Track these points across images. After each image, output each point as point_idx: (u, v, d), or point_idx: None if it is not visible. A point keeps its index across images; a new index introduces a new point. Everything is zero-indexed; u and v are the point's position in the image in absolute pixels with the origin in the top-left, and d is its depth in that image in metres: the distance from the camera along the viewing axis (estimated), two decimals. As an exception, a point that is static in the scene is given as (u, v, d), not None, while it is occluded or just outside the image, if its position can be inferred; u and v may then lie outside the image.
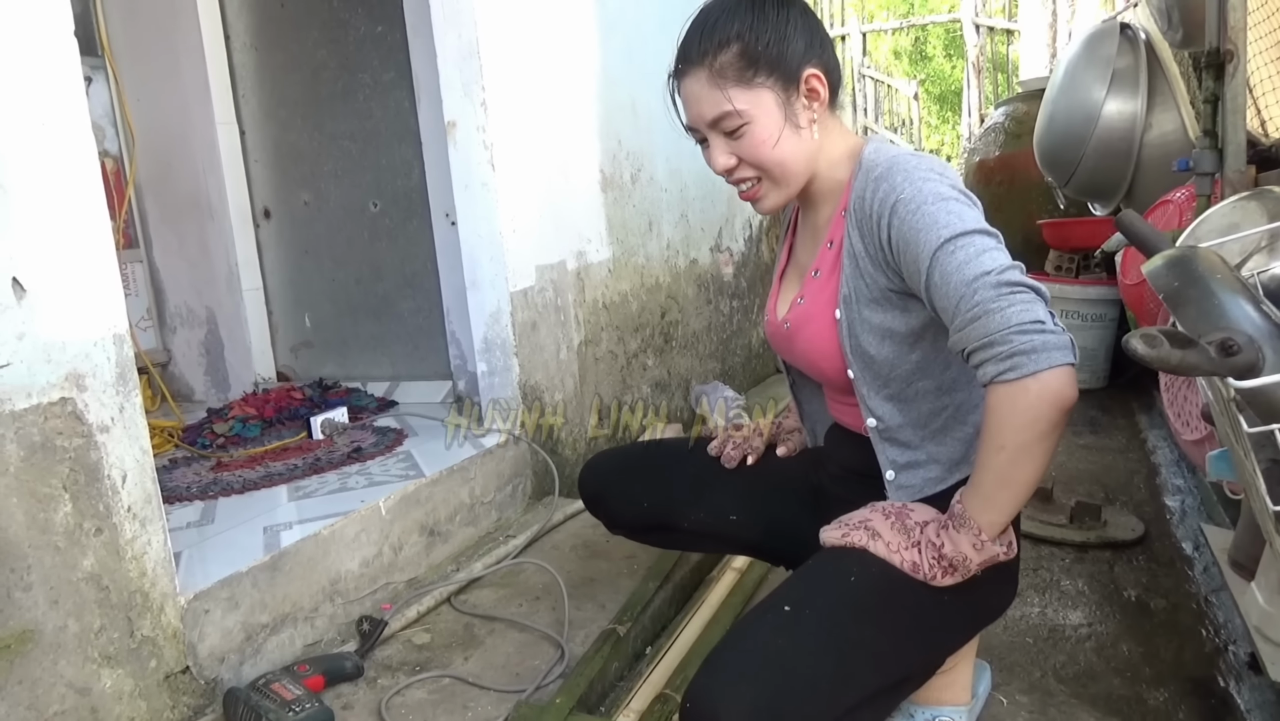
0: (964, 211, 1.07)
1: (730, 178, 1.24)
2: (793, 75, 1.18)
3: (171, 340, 3.20)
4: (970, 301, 1.02)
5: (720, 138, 1.20)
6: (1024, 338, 0.99)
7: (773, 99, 1.17)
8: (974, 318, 1.01)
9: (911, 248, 1.08)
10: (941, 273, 1.04)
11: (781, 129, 1.18)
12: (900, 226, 1.09)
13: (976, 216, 1.07)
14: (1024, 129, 3.80)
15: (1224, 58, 2.03)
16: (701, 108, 1.20)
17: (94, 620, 1.29)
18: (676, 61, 1.23)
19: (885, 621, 1.09)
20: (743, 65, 1.16)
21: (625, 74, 2.83)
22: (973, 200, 1.10)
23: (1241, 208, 1.53)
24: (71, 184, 1.26)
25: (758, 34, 1.16)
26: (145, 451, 1.36)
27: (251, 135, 3.03)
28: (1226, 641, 1.58)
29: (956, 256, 1.03)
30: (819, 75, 1.18)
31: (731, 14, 1.18)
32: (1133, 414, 3.09)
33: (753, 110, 1.17)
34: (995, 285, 1.01)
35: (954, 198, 1.08)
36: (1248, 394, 0.85)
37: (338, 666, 1.55)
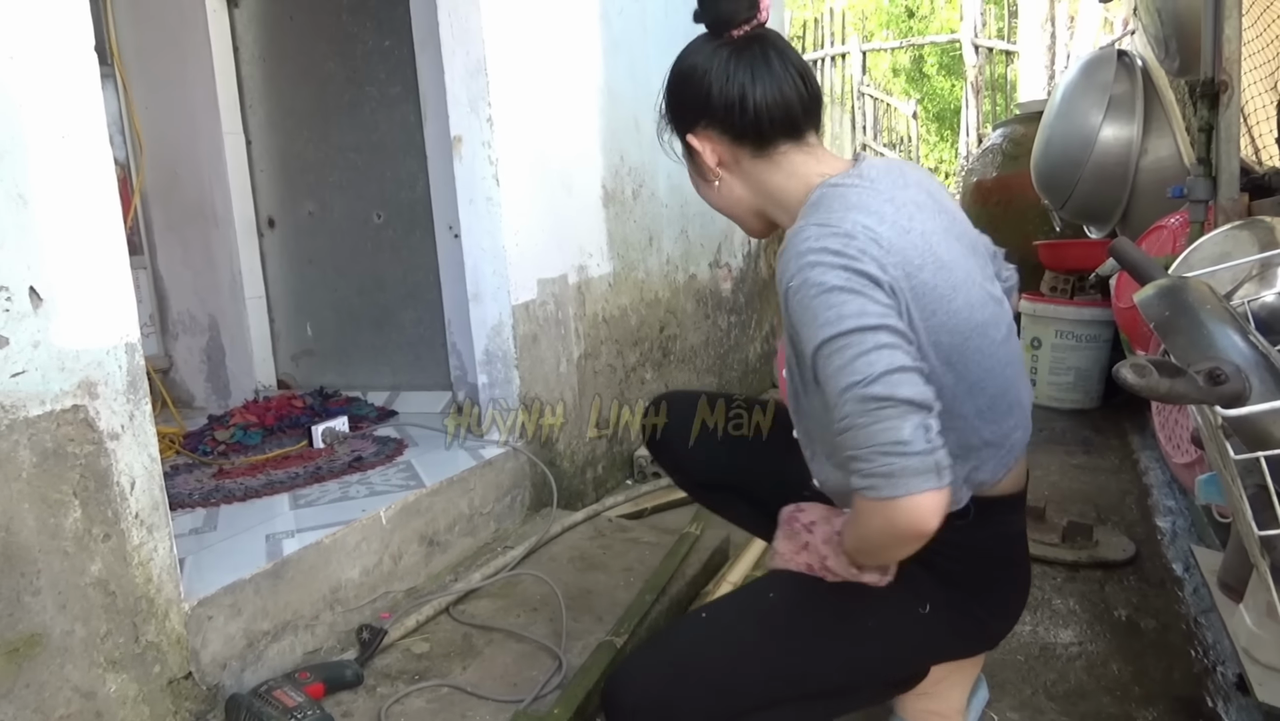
0: (845, 305, 1.00)
1: None
2: (681, 134, 1.25)
3: (173, 347, 3.21)
4: (840, 412, 0.99)
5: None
6: (884, 460, 0.96)
7: (686, 153, 1.26)
8: (842, 430, 0.99)
9: (799, 342, 1.06)
10: (821, 376, 1.02)
11: (697, 180, 1.29)
12: (790, 316, 1.07)
13: (859, 308, 1.00)
14: (1021, 150, 3.84)
15: (1219, 87, 2.07)
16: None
17: (100, 625, 1.31)
18: None
19: (790, 637, 1.17)
20: (663, 123, 1.28)
21: (629, 91, 2.86)
22: (867, 279, 1.03)
23: (1233, 236, 1.56)
24: (88, 195, 1.29)
25: (662, 101, 1.27)
26: (154, 459, 1.38)
27: (258, 145, 3.06)
28: (1215, 662, 1.60)
29: (832, 362, 1.00)
30: (700, 137, 1.22)
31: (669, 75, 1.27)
32: (1125, 434, 3.12)
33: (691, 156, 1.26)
34: (861, 399, 0.97)
35: (838, 286, 1.01)
36: (1235, 422, 0.88)
37: (338, 674, 1.57)
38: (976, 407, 1.14)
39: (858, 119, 8.24)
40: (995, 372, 1.15)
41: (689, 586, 1.91)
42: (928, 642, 1.24)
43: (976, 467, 1.17)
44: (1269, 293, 1.36)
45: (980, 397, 1.14)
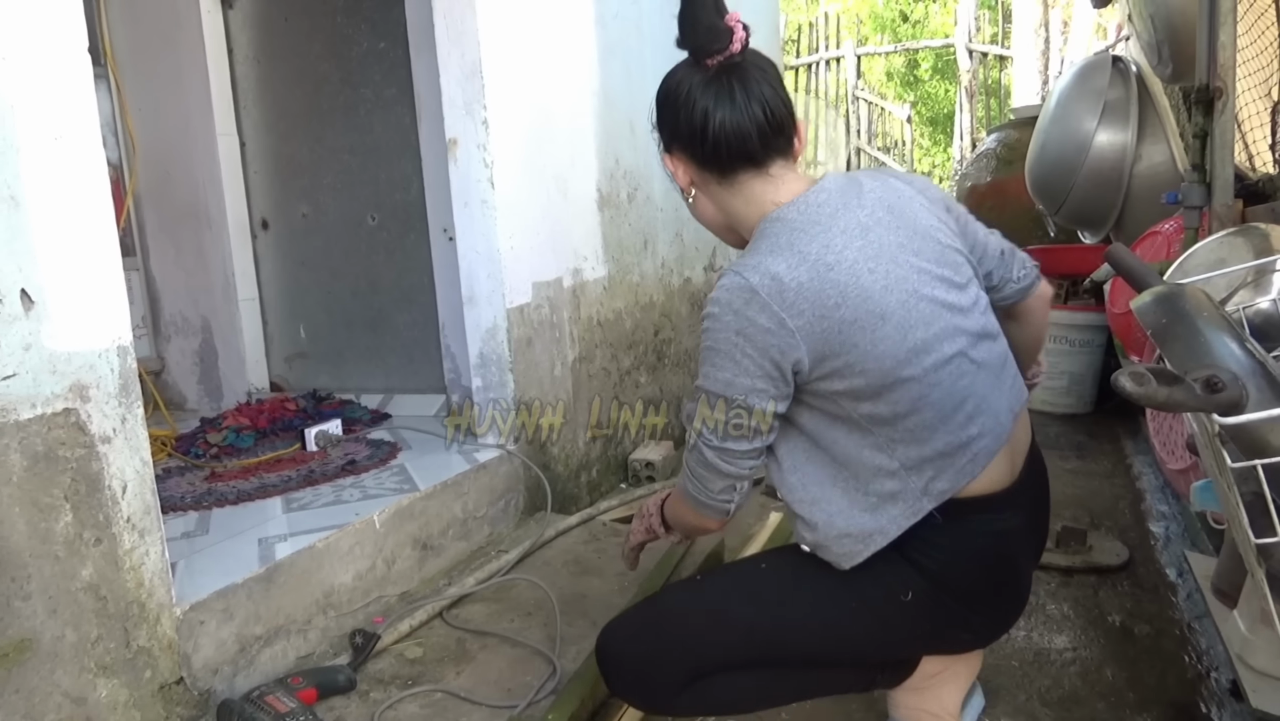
0: (720, 370, 1.17)
1: None
2: (662, 155, 1.35)
3: (166, 348, 3.20)
4: (692, 442, 1.25)
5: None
6: (704, 494, 1.27)
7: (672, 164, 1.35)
8: (690, 449, 1.27)
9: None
10: (691, 404, 1.25)
11: (679, 192, 1.38)
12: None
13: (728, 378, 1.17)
14: (1016, 155, 3.85)
15: (1213, 94, 2.08)
16: None
17: (91, 630, 1.30)
18: None
19: (774, 605, 1.27)
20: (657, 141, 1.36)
21: (624, 96, 2.86)
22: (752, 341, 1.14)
23: (1228, 243, 1.57)
24: (81, 198, 1.28)
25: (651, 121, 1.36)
26: (145, 462, 1.37)
27: (252, 146, 3.05)
28: (1209, 667, 1.60)
29: (700, 407, 1.22)
30: (671, 158, 1.32)
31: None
32: (1119, 439, 3.13)
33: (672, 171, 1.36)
34: (702, 451, 1.23)
35: (719, 350, 1.17)
36: (1232, 429, 0.88)
37: (330, 679, 1.56)
38: (921, 423, 1.17)
39: (852, 123, 8.25)
40: (943, 388, 1.17)
41: (683, 591, 1.90)
42: (909, 629, 1.26)
43: (934, 478, 1.18)
44: (1264, 299, 1.36)
45: (925, 414, 1.16)
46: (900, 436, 1.17)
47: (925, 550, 1.20)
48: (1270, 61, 2.28)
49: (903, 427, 1.16)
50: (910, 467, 1.17)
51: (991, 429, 1.22)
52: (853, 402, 1.16)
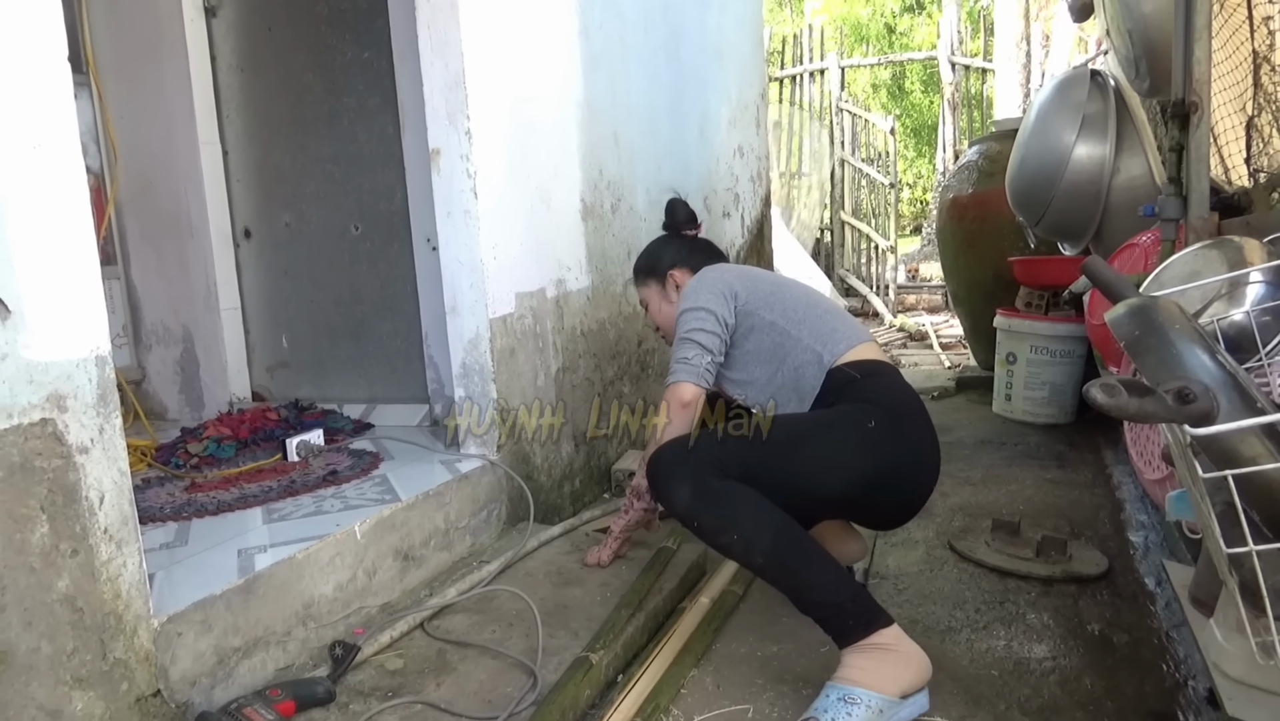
0: (701, 306, 1.92)
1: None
2: (662, 275, 2.18)
3: (146, 358, 3.18)
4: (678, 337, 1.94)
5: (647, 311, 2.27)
6: (676, 366, 1.91)
7: (657, 290, 2.20)
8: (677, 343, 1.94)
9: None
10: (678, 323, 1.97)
11: (662, 304, 2.20)
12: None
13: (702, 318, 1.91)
14: (997, 167, 3.87)
15: (1189, 108, 2.10)
16: (640, 296, 2.29)
17: (67, 642, 1.29)
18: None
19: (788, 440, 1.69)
20: (642, 274, 2.25)
21: (608, 107, 2.87)
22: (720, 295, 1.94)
23: (1203, 255, 1.59)
24: (60, 206, 1.28)
25: (646, 259, 2.25)
26: (124, 473, 1.36)
27: (234, 155, 3.04)
28: (1187, 676, 1.61)
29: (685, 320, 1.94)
30: (676, 273, 2.15)
31: (648, 249, 2.27)
32: (1099, 449, 3.15)
33: (647, 297, 2.24)
34: (683, 340, 1.92)
35: (700, 307, 1.92)
36: (1203, 441, 0.89)
37: (309, 691, 1.55)
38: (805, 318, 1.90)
39: (836, 134, 8.29)
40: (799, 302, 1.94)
41: (666, 600, 1.90)
42: (876, 447, 1.70)
43: (836, 344, 1.85)
44: (1237, 311, 1.38)
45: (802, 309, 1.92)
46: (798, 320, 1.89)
47: (863, 394, 1.75)
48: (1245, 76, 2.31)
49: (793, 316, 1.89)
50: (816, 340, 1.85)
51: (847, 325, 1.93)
52: (765, 314, 1.90)
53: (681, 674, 1.62)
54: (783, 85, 8.83)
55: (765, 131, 4.56)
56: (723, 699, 1.57)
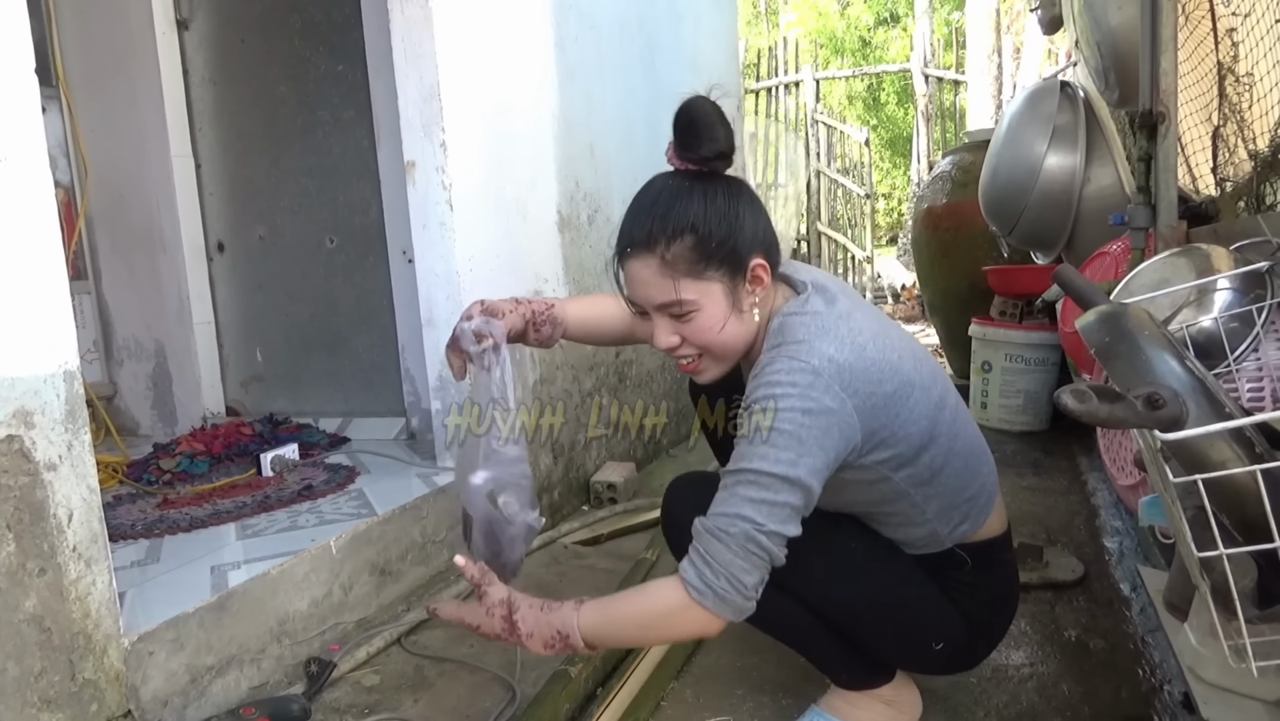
0: (782, 450, 1.12)
1: (673, 354, 1.27)
2: (741, 265, 1.21)
3: (118, 373, 3.15)
4: (725, 524, 1.13)
5: (666, 319, 1.24)
6: (728, 587, 1.12)
7: (721, 289, 1.21)
8: (715, 535, 1.13)
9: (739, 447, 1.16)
10: (730, 486, 1.15)
11: (727, 316, 1.22)
12: (741, 428, 1.17)
13: (791, 458, 1.12)
14: (970, 178, 3.91)
15: (1156, 118, 2.14)
16: (648, 291, 1.23)
17: (34, 663, 1.26)
18: (624, 242, 1.24)
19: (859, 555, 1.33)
20: (695, 258, 1.19)
21: (584, 118, 2.87)
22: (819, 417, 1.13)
23: (1171, 263, 1.61)
24: (27, 220, 1.26)
25: (711, 226, 1.18)
26: (93, 490, 1.34)
27: (207, 168, 3.02)
28: (1162, 681, 1.62)
29: (746, 489, 1.13)
30: (764, 264, 1.23)
31: (684, 201, 1.19)
32: (1074, 456, 3.18)
33: (701, 300, 1.20)
34: (748, 536, 1.12)
35: (785, 430, 1.12)
36: (1173, 445, 0.90)
37: (284, 709, 1.53)
38: (956, 470, 1.28)
39: (812, 146, 8.35)
40: (964, 434, 1.29)
41: (644, 613, 1.90)
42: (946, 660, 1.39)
43: (960, 522, 1.31)
44: (1205, 318, 1.40)
45: (958, 460, 1.27)
46: (935, 492, 1.26)
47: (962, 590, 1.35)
48: (1210, 87, 2.35)
49: (938, 483, 1.26)
50: (936, 517, 1.29)
51: (990, 464, 1.36)
52: (893, 470, 1.23)
53: (661, 686, 1.62)
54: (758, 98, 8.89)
55: (742, 143, 4.58)
56: (702, 710, 1.57)
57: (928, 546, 1.32)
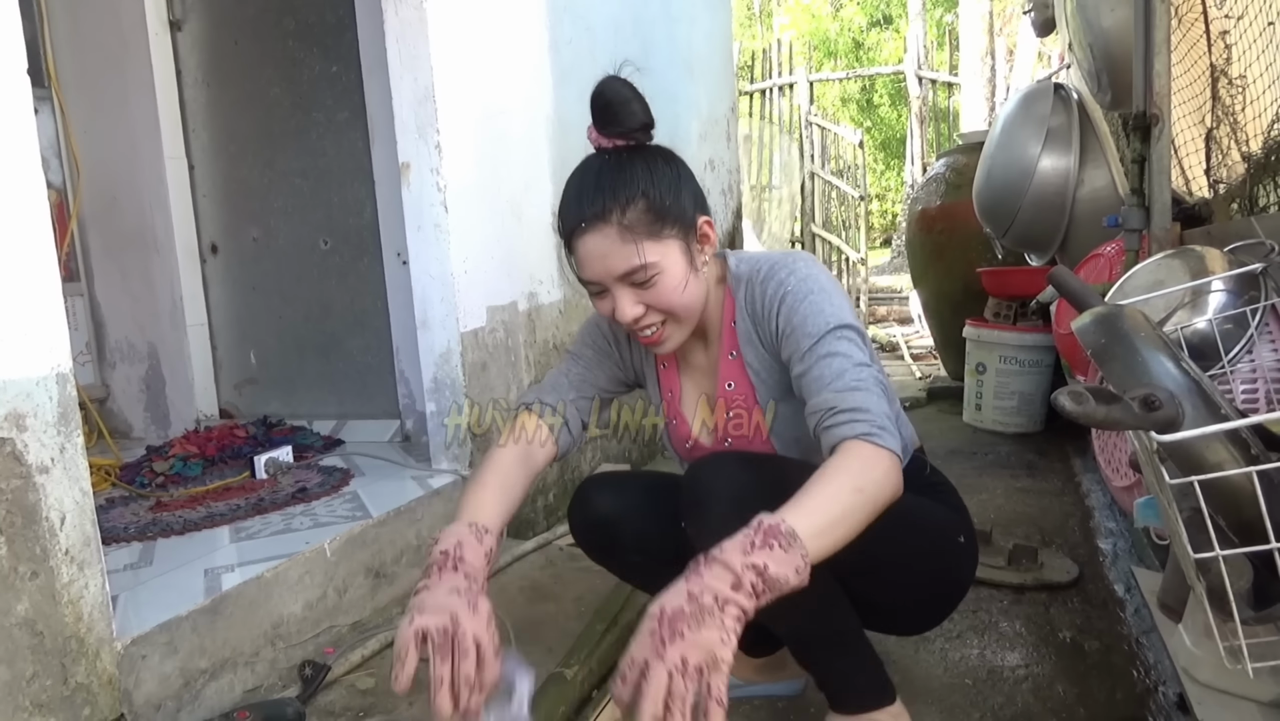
0: (845, 305, 1.25)
1: (636, 325, 1.27)
2: (691, 224, 1.27)
3: (110, 376, 3.13)
4: (854, 377, 1.16)
5: (627, 289, 1.24)
6: (891, 424, 1.13)
7: (679, 247, 1.25)
8: (852, 387, 1.15)
9: (802, 327, 1.23)
10: (829, 350, 1.19)
11: (687, 274, 1.26)
12: (789, 313, 1.25)
13: (845, 306, 1.25)
14: (964, 180, 3.92)
15: (1150, 121, 2.14)
16: (610, 263, 1.22)
17: (26, 667, 1.25)
18: (574, 220, 1.24)
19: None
20: (651, 219, 1.22)
21: (579, 120, 2.85)
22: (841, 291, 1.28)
23: (1166, 265, 1.61)
24: (19, 222, 1.25)
25: (660, 189, 1.23)
26: (85, 493, 1.34)
27: (201, 170, 3.01)
28: (1156, 682, 1.62)
29: (846, 344, 1.20)
30: (709, 221, 1.30)
31: (627, 170, 1.23)
32: (1068, 457, 3.18)
33: (663, 260, 1.23)
34: (875, 379, 1.18)
35: (826, 289, 1.25)
36: (1169, 447, 0.90)
37: (278, 712, 1.52)
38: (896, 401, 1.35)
39: (806, 148, 8.36)
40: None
41: (640, 615, 1.89)
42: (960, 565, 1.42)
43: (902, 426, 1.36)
44: (1200, 319, 1.41)
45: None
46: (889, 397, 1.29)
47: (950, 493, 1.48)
48: (1204, 89, 2.36)
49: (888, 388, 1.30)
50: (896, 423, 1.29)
51: None
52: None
53: (656, 688, 1.61)
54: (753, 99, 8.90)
55: (736, 145, 4.58)
56: (698, 713, 1.56)
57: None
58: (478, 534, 1.21)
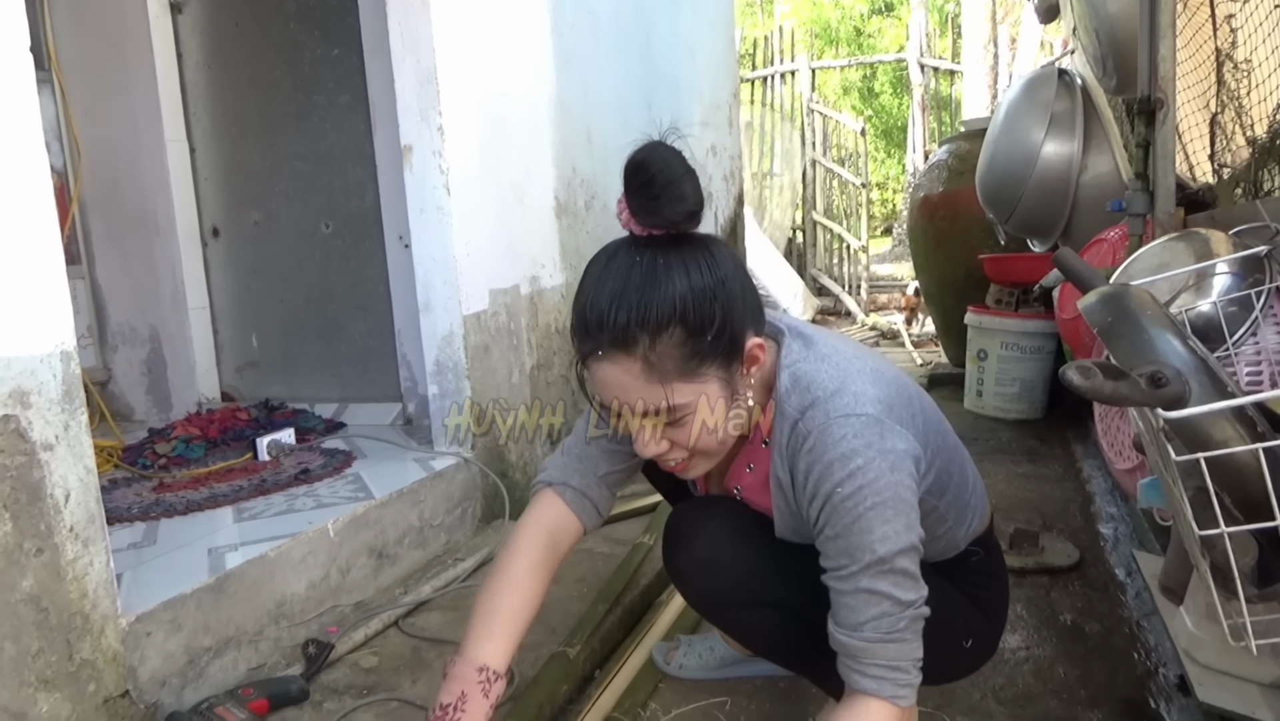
0: (898, 517, 1.01)
1: (658, 459, 1.10)
2: (738, 350, 1.04)
3: (112, 359, 3.13)
4: (895, 619, 1.01)
5: (649, 423, 1.05)
6: (915, 674, 1.04)
7: (718, 385, 1.04)
8: (895, 634, 1.02)
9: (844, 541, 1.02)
10: (869, 587, 1.01)
11: (726, 412, 1.05)
12: (829, 517, 1.02)
13: (908, 521, 1.02)
14: (966, 166, 3.91)
15: (1155, 105, 2.13)
16: (629, 397, 1.02)
17: (32, 642, 1.26)
18: (589, 343, 1.01)
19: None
20: (686, 354, 0.99)
21: (581, 104, 2.87)
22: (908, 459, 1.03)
23: (1170, 248, 1.61)
24: (22, 201, 1.25)
25: (701, 311, 0.99)
26: (90, 470, 1.34)
27: (202, 153, 3.00)
28: (1157, 664, 1.63)
29: (889, 579, 1.01)
30: (760, 344, 1.07)
31: (663, 283, 0.98)
32: (1069, 444, 3.19)
33: (697, 400, 1.02)
34: (914, 618, 1.03)
35: (885, 503, 1.00)
36: (1175, 424, 0.90)
37: (283, 690, 1.53)
38: (958, 466, 1.21)
39: (807, 135, 8.33)
40: (946, 427, 1.22)
41: (642, 596, 1.90)
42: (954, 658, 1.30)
43: (971, 519, 1.26)
44: (1204, 302, 1.40)
45: (956, 455, 1.21)
46: (951, 498, 1.18)
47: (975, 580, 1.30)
48: (1208, 74, 2.35)
49: (951, 487, 1.17)
50: (957, 521, 1.21)
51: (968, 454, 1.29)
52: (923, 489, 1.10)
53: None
54: (754, 86, 8.86)
55: (738, 131, 4.57)
56: (700, 691, 1.57)
57: (945, 554, 1.26)
58: (484, 685, 1.10)
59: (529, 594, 1.20)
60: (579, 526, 1.28)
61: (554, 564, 1.25)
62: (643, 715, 1.50)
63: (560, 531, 1.26)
